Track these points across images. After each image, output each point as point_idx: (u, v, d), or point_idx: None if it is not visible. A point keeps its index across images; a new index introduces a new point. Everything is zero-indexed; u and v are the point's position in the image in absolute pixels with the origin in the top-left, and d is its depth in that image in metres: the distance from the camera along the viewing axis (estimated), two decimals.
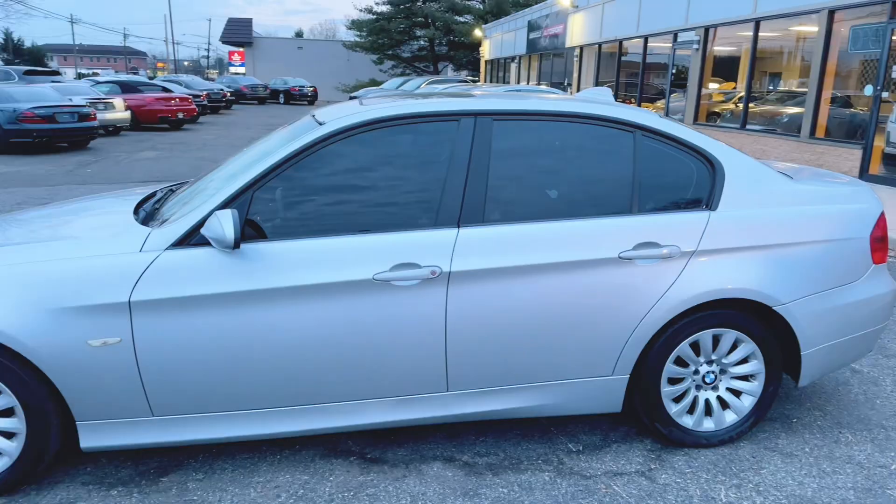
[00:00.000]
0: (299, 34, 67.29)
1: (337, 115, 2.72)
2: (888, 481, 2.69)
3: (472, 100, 2.79)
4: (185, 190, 3.05)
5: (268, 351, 2.48)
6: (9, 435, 2.47)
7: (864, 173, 10.10)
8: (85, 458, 2.76)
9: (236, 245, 2.34)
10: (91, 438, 2.49)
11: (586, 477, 2.70)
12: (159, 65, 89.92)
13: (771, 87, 12.86)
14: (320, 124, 2.67)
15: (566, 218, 2.69)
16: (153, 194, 3.31)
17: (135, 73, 58.14)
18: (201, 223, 2.45)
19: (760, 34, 12.66)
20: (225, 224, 2.32)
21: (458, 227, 2.61)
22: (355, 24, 40.93)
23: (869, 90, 10.06)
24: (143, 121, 17.82)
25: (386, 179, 2.63)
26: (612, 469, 2.76)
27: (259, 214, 2.54)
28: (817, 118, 11.13)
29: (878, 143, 9.90)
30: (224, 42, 49.12)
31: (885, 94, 9.76)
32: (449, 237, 2.59)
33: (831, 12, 10.66)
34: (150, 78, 33.10)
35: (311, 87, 36.93)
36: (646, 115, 2.87)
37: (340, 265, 2.49)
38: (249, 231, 2.52)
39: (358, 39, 41.08)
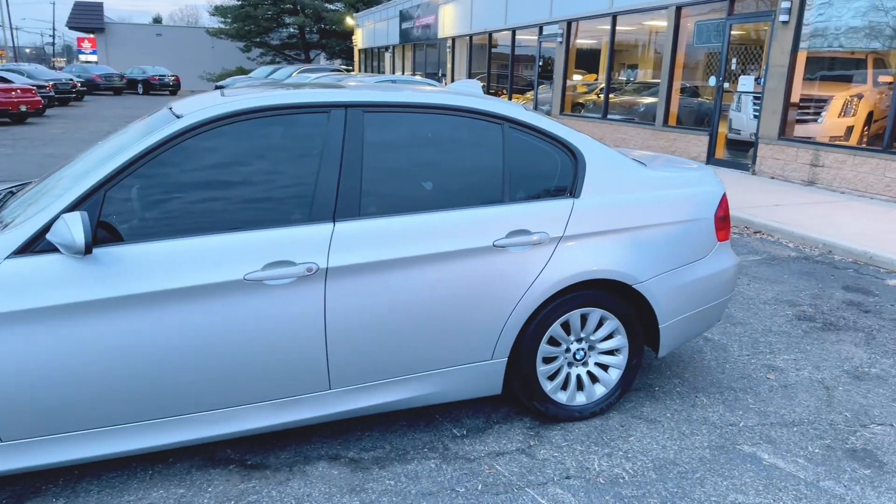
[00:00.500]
0: (157, 20, 63.00)
1: (196, 107, 2.58)
2: (738, 438, 2.99)
3: (342, 91, 2.74)
4: (28, 191, 2.77)
5: (130, 362, 2.32)
6: None
7: (711, 158, 11.07)
8: None
9: (87, 250, 2.16)
10: None
11: (470, 460, 2.77)
12: None
13: (629, 79, 13.72)
14: (178, 117, 2.52)
15: (441, 209, 2.72)
16: None
17: None
18: (46, 228, 2.24)
19: (618, 28, 13.47)
20: (73, 228, 2.13)
21: (334, 221, 2.57)
22: (219, 11, 38.98)
23: (713, 81, 11.01)
24: None
25: (253, 174, 2.52)
26: (495, 449, 2.85)
27: (114, 216, 2.35)
28: (669, 107, 12.03)
29: (723, 129, 10.88)
30: (71, 28, 45.01)
31: (726, 85, 10.72)
32: (325, 232, 2.54)
33: (678, 8, 11.54)
34: None
35: (172, 76, 34.79)
36: (513, 108, 2.96)
37: (208, 266, 2.37)
38: (104, 234, 2.33)
39: (222, 26, 39.14)
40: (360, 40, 34.12)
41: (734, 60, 10.59)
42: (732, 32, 10.55)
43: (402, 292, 2.62)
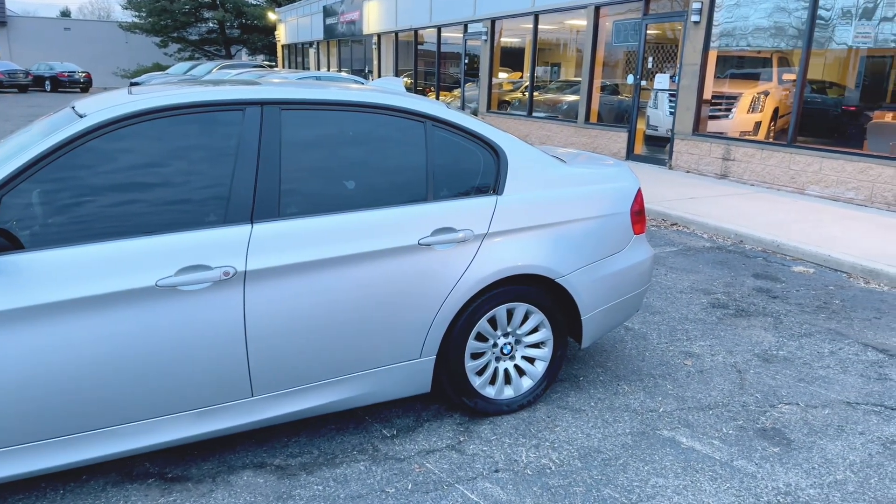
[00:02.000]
0: (66, 13, 59.64)
1: (100, 105, 2.45)
2: (658, 423, 3.10)
3: (257, 88, 2.67)
4: None
5: (36, 377, 2.18)
6: None
7: (630, 153, 11.46)
8: None
9: None
10: None
11: (400, 459, 2.76)
12: None
13: (552, 77, 14.02)
14: (80, 117, 2.39)
15: (364, 208, 2.69)
16: None
17: None
18: None
19: (540, 27, 13.73)
20: None
21: (252, 223, 2.50)
22: (132, 4, 37.22)
23: (631, 79, 11.39)
24: None
25: (164, 176, 2.42)
26: (425, 448, 2.85)
27: (13, 222, 2.21)
28: (591, 105, 12.37)
29: (641, 126, 11.28)
30: None
31: (643, 83, 11.12)
32: (242, 234, 2.46)
33: (597, 8, 11.87)
34: None
35: (83, 72, 33.00)
36: (435, 106, 2.96)
37: (118, 273, 2.26)
38: (2, 242, 2.18)
39: (136, 20, 37.44)
40: (283, 36, 33.39)
41: (650, 59, 10.99)
42: (648, 32, 10.94)
43: (325, 294, 2.58)
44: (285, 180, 2.58)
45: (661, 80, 10.72)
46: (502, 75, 15.52)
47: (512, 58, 15.21)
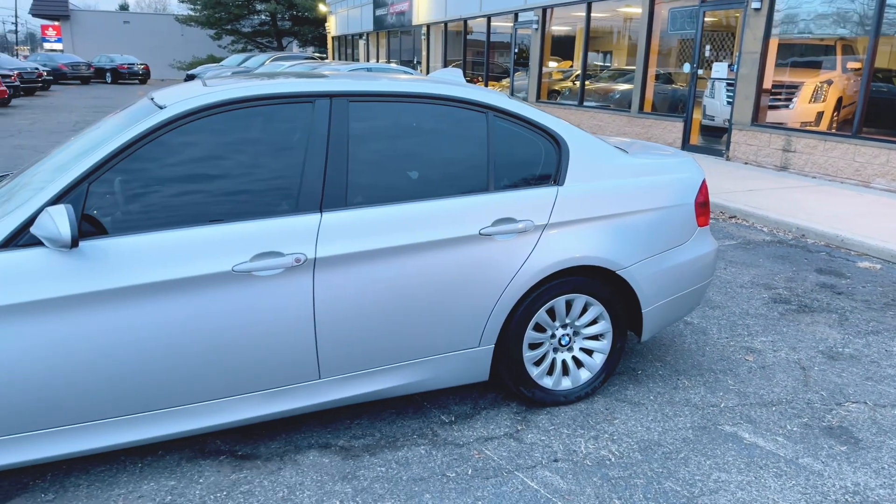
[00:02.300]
0: (124, 7, 61.56)
1: (178, 97, 2.55)
2: (719, 418, 3.07)
3: (326, 80, 2.73)
4: (4, 185, 2.72)
5: (118, 355, 2.30)
6: None
7: (686, 144, 11.21)
8: None
9: (74, 243, 2.13)
10: None
11: (459, 445, 2.81)
12: None
13: (603, 66, 13.80)
14: (160, 108, 2.49)
15: (427, 198, 2.74)
16: None
17: None
18: (30, 221, 2.20)
19: (593, 15, 13.52)
20: (59, 221, 2.10)
21: (321, 211, 2.57)
22: None
23: (687, 68, 11.13)
24: None
25: (239, 165, 2.51)
26: (483, 435, 2.89)
27: (97, 208, 2.33)
28: (645, 94, 12.14)
29: (697, 115, 11.03)
30: (35, 15, 43.72)
31: (700, 72, 10.85)
32: (312, 223, 2.54)
33: None
34: None
35: (142, 64, 34.09)
36: (497, 97, 2.97)
37: (196, 258, 2.36)
38: (88, 227, 2.30)
39: (192, 13, 38.36)
40: (333, 27, 33.74)
41: (708, 47, 10.72)
42: (706, 19, 10.66)
43: (389, 281, 2.63)
44: (352, 170, 2.64)
45: (719, 69, 10.44)
46: (552, 64, 15.36)
47: (562, 46, 15.03)
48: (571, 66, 14.80)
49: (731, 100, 10.22)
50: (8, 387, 2.19)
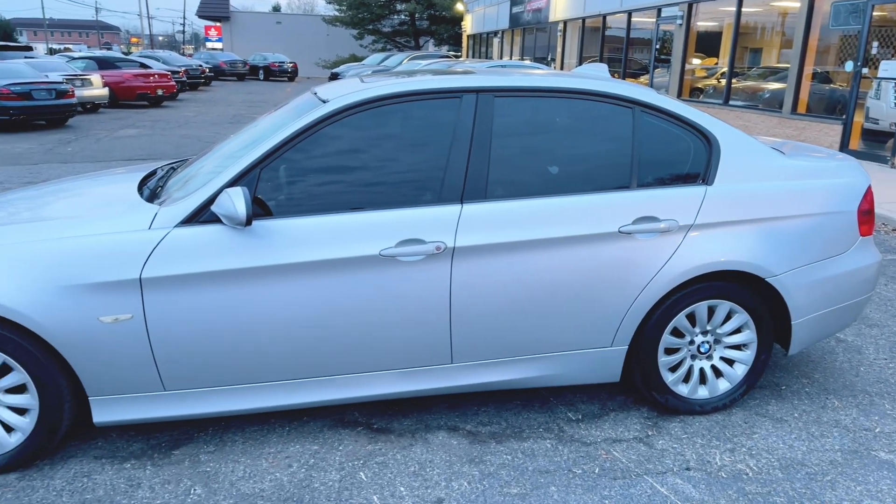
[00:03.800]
0: (276, 8, 66.03)
1: (340, 92, 2.74)
2: (873, 443, 2.83)
3: (473, 77, 2.81)
4: (187, 167, 3.05)
5: (277, 325, 2.52)
6: (21, 411, 2.50)
7: (844, 148, 10.28)
8: (96, 433, 2.80)
9: (248, 222, 2.37)
10: (103, 413, 2.53)
11: (587, 444, 2.80)
12: (133, 40, 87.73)
13: (753, 63, 12.96)
14: (324, 102, 2.69)
15: (567, 193, 2.74)
16: (154, 172, 3.30)
17: (108, 49, 56.68)
18: (211, 200, 2.47)
19: (743, 10, 12.73)
20: (237, 201, 2.34)
21: (462, 203, 2.66)
22: None
23: (849, 66, 10.20)
24: (122, 97, 17.50)
25: (389, 157, 2.66)
26: (611, 436, 2.86)
27: (264, 192, 2.56)
28: (799, 94, 11.27)
29: (858, 118, 10.07)
30: (200, 16, 48.04)
31: (864, 71, 9.91)
32: (453, 213, 2.63)
33: None
34: (126, 54, 32.37)
35: (291, 62, 36.43)
36: (645, 92, 2.92)
37: (347, 241, 2.53)
38: (255, 208, 2.54)
39: (337, 14, 40.41)
40: (469, 26, 34.20)
41: (875, 44, 9.75)
42: (874, 13, 9.70)
43: (525, 274, 2.67)
44: (494, 164, 2.71)
45: (888, 68, 9.47)
46: (695, 61, 14.65)
47: (707, 42, 14.28)
48: (717, 63, 14.03)
49: None
50: (183, 346, 2.47)
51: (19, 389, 2.47)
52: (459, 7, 34.82)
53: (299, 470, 2.58)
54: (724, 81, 13.35)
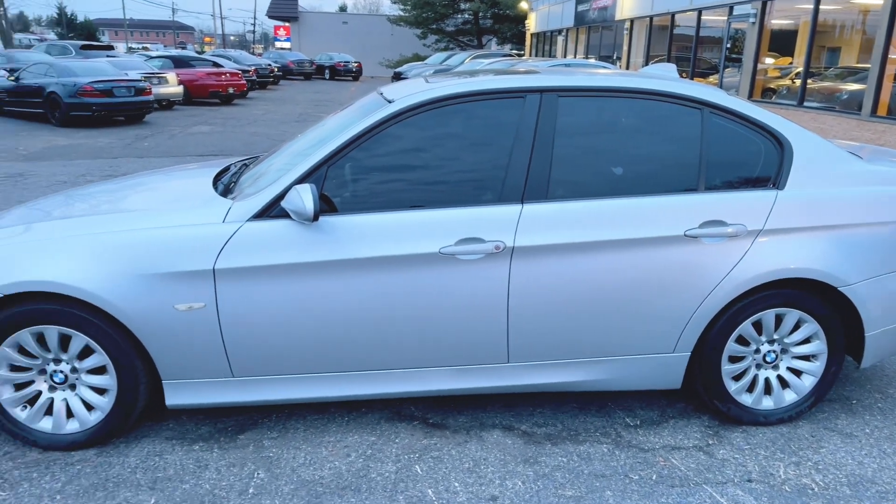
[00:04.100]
0: (343, 8, 67.28)
1: (405, 92, 2.79)
2: None
3: (537, 76, 2.81)
4: (258, 164, 3.17)
5: (340, 317, 2.59)
6: (101, 391, 2.66)
7: None
8: (167, 415, 2.95)
9: (315, 217, 2.45)
10: (175, 396, 2.66)
11: (644, 450, 2.76)
12: (206, 39, 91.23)
13: (830, 63, 12.39)
14: (389, 102, 2.74)
15: (631, 195, 2.71)
16: (227, 168, 3.44)
17: (182, 48, 59.11)
18: (281, 196, 2.57)
19: (821, 7, 12.18)
20: (305, 197, 2.43)
21: (522, 203, 2.66)
22: None
23: None
24: (195, 95, 18.21)
25: (451, 156, 2.69)
26: (670, 443, 2.81)
27: (330, 189, 2.64)
28: (880, 96, 10.70)
29: None
30: (270, 17, 49.45)
31: None
32: (513, 213, 2.64)
33: None
34: (199, 53, 33.67)
35: (355, 62, 37.05)
36: (714, 93, 2.85)
37: (408, 239, 2.58)
38: (321, 205, 2.62)
39: (402, 13, 40.84)
40: (532, 24, 33.98)
41: None
42: None
43: (585, 276, 2.65)
44: (556, 164, 2.70)
45: None
46: (768, 60, 14.11)
47: (781, 41, 13.73)
48: (791, 63, 13.47)
49: None
50: (252, 335, 2.57)
51: (100, 371, 2.63)
52: (524, 5, 34.61)
53: (357, 460, 2.65)
54: (798, 82, 12.82)
